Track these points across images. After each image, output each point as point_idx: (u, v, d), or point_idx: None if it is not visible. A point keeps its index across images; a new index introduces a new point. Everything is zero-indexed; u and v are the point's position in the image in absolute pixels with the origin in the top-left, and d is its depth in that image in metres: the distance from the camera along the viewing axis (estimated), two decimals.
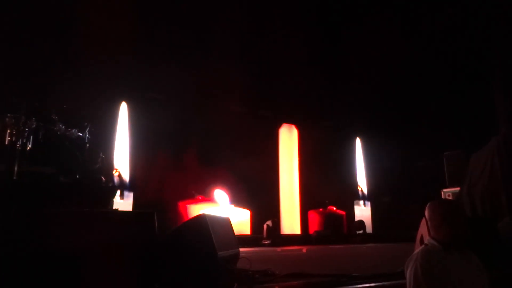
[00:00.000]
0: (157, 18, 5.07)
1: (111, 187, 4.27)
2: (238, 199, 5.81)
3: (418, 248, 2.36)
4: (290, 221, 6.58)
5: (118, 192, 4.49)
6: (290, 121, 6.77)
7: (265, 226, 5.31)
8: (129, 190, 4.74)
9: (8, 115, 3.58)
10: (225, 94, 5.78)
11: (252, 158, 5.87)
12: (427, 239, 2.36)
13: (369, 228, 6.24)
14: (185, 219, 4.35)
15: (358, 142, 7.09)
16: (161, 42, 5.22)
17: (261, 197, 6.11)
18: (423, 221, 3.09)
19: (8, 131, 3.57)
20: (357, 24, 5.29)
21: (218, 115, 5.80)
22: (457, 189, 5.55)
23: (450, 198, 5.59)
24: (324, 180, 6.56)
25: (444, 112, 6.21)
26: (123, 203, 4.57)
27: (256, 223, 5.75)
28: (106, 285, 2.15)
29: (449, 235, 2.21)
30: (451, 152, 5.87)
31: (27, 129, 3.66)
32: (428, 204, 2.36)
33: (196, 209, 5.07)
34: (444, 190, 5.75)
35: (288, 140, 6.86)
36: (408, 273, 2.22)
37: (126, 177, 4.78)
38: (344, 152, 6.98)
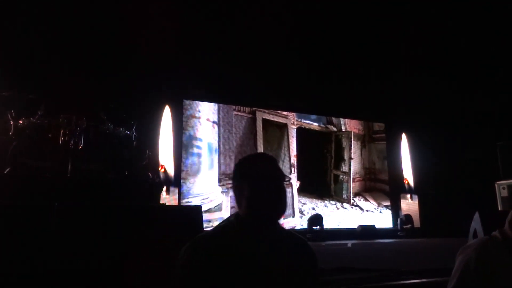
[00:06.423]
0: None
1: (158, 183, 4.39)
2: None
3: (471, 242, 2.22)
4: None
5: (164, 187, 4.61)
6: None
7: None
8: (175, 185, 4.85)
9: (61, 115, 3.75)
10: None
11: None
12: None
13: (416, 222, 6.03)
14: None
15: (403, 136, 6.84)
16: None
17: None
18: (476, 214, 2.95)
19: (62, 131, 3.74)
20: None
21: None
22: None
23: (505, 190, 5.28)
24: None
25: (497, 100, 5.85)
26: (168, 197, 4.69)
27: None
28: (154, 278, 2.21)
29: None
30: (506, 142, 5.53)
31: (78, 128, 3.82)
32: None
33: None
34: (498, 182, 5.42)
35: None
36: (460, 259, 2.06)
37: (171, 173, 4.90)
38: (390, 146, 6.79)
